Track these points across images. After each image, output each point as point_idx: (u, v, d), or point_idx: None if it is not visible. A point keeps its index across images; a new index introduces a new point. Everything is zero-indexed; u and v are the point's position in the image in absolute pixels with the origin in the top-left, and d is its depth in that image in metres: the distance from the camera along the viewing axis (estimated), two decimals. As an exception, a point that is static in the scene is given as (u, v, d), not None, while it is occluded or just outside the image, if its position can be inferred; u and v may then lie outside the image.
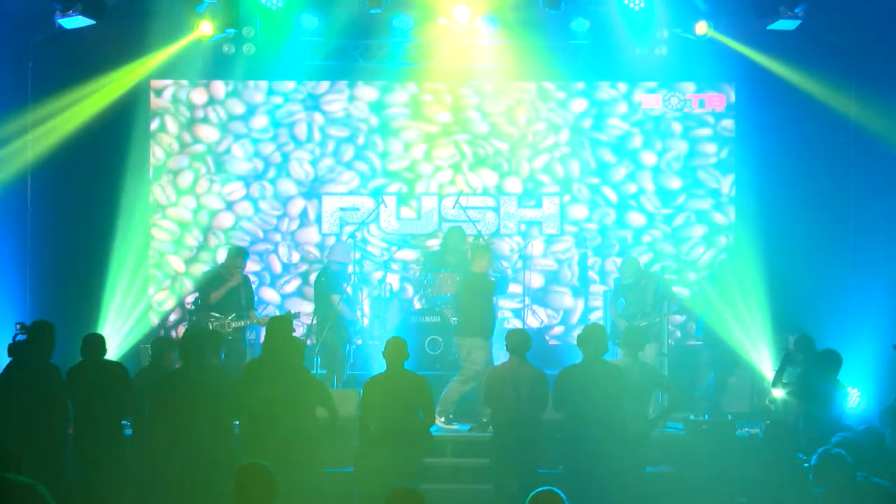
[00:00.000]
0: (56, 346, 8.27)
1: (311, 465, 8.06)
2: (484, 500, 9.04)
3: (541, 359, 11.80)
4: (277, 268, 12.93)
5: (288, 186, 12.95)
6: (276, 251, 12.94)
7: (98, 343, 8.47)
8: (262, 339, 8.51)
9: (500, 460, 8.69)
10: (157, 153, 12.86)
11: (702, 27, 11.55)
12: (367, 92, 13.02)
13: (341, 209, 12.95)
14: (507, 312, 12.81)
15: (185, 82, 12.88)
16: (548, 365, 11.60)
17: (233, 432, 8.21)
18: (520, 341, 8.69)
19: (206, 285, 10.98)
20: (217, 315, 10.65)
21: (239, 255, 11.12)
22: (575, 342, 8.58)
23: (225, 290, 10.72)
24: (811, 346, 9.34)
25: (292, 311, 11.51)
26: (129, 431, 8.82)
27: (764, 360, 11.40)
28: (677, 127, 13.02)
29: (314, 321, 11.33)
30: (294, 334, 8.56)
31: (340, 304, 11.18)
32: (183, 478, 7.74)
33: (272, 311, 12.32)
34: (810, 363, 8.93)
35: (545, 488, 5.13)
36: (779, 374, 9.31)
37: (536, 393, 8.56)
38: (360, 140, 12.98)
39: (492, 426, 8.88)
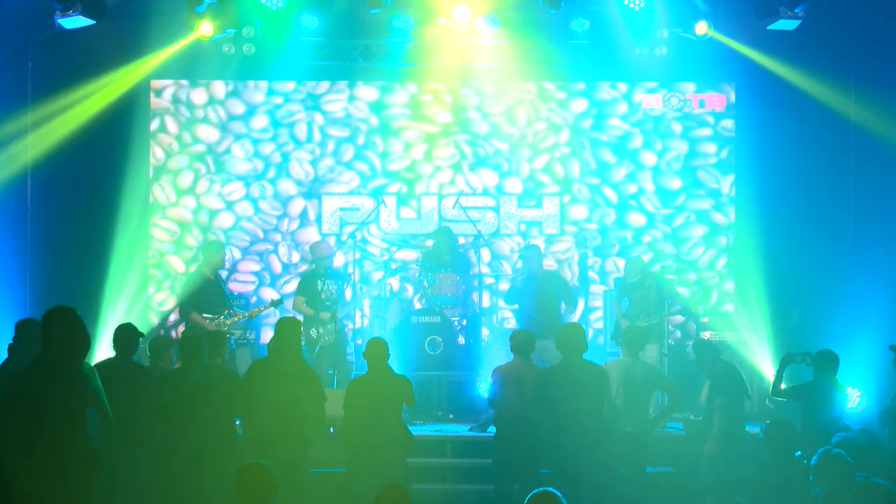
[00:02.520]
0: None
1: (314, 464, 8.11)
2: (484, 501, 9.04)
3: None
4: (277, 268, 12.93)
5: (288, 186, 12.95)
6: (276, 251, 12.94)
7: (134, 340, 8.33)
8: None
9: (502, 460, 8.69)
10: (157, 153, 12.86)
11: (702, 27, 11.56)
12: (367, 92, 13.02)
13: (341, 209, 12.95)
14: (507, 313, 12.80)
15: (185, 82, 12.88)
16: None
17: (234, 432, 8.21)
18: (524, 341, 8.69)
19: (188, 304, 10.72)
20: (209, 316, 10.63)
21: (220, 249, 11.14)
22: (554, 343, 8.50)
23: (202, 321, 10.55)
24: (713, 352, 9.38)
25: (275, 298, 11.54)
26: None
27: (764, 360, 11.40)
28: (677, 127, 13.02)
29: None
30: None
31: (304, 305, 11.16)
32: (183, 478, 7.73)
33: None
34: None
35: (543, 489, 5.14)
36: (777, 377, 9.26)
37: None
38: (360, 140, 12.98)
39: (495, 426, 8.88)
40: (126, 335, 8.31)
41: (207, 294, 10.70)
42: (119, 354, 8.26)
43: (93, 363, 8.13)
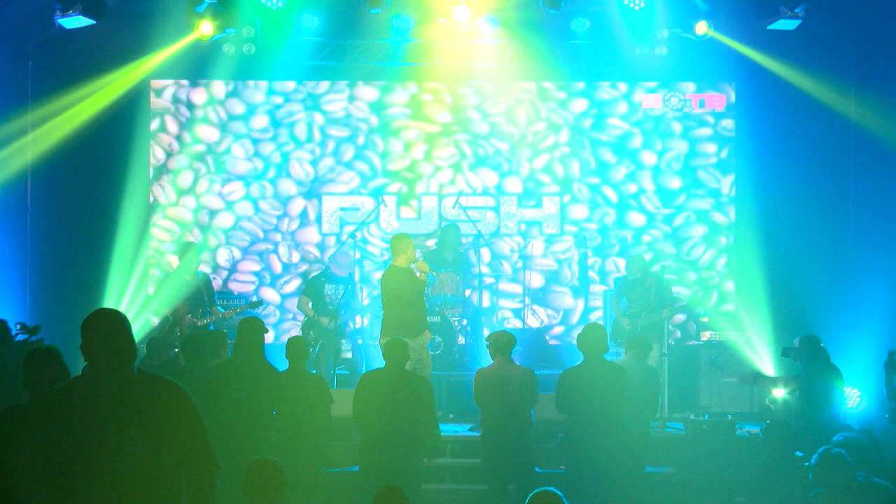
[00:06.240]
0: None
1: (310, 465, 8.05)
2: (484, 500, 9.04)
3: (541, 359, 11.87)
4: (277, 268, 12.93)
5: (288, 186, 12.96)
6: (276, 251, 12.94)
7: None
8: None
9: (491, 461, 8.71)
10: (157, 153, 12.86)
11: (702, 27, 11.56)
12: (367, 92, 13.02)
13: (341, 209, 12.96)
14: (508, 312, 12.82)
15: (185, 82, 12.89)
16: (548, 365, 11.66)
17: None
18: (506, 342, 8.71)
19: (181, 311, 10.61)
20: (189, 316, 10.62)
21: (195, 250, 11.15)
22: (574, 342, 8.57)
23: (185, 323, 10.55)
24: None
25: (254, 299, 11.51)
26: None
27: (764, 360, 11.41)
28: (677, 127, 13.02)
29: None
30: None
31: (308, 306, 11.16)
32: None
33: (270, 310, 12.35)
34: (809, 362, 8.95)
35: (544, 488, 5.13)
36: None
37: (525, 392, 8.58)
38: (360, 140, 12.99)
39: (481, 427, 8.89)
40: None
41: (187, 296, 10.69)
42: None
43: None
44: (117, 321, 4.49)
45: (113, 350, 4.42)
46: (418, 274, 9.76)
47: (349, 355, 11.51)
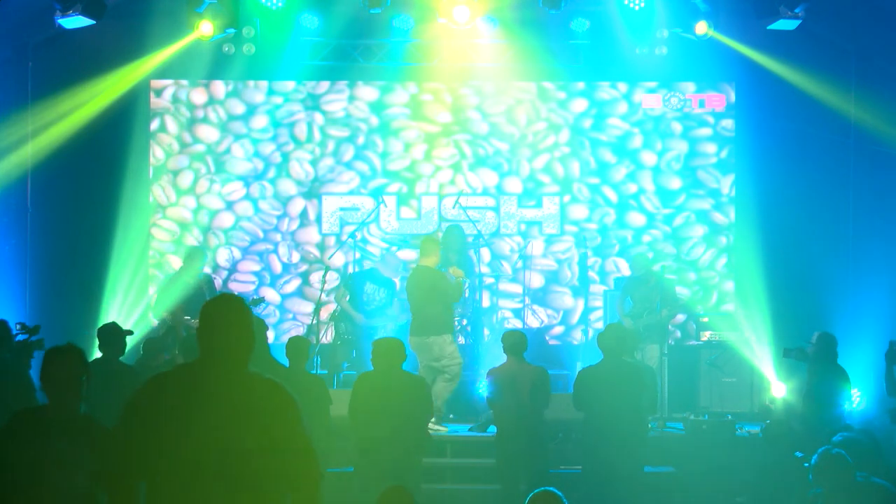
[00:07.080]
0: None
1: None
2: (485, 500, 9.05)
3: (541, 359, 11.83)
4: (277, 268, 12.94)
5: (288, 186, 12.96)
6: (276, 251, 12.94)
7: (119, 339, 8.17)
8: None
9: (506, 462, 8.70)
10: (157, 153, 12.86)
11: (702, 27, 11.56)
12: (367, 92, 13.02)
13: (341, 209, 12.96)
14: (508, 312, 12.82)
15: (185, 82, 12.89)
16: (548, 365, 11.62)
17: None
18: (517, 342, 8.72)
19: (180, 311, 10.72)
20: (188, 318, 10.63)
21: (199, 256, 11.15)
22: (596, 342, 8.51)
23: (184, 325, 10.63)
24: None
25: (254, 297, 11.54)
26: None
27: (764, 360, 11.41)
28: (677, 127, 13.02)
29: (314, 321, 11.37)
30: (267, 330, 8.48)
31: (346, 300, 11.24)
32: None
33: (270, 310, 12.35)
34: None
35: (543, 489, 5.14)
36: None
37: (538, 391, 8.58)
38: (360, 140, 12.99)
39: (496, 428, 8.88)
40: (113, 334, 8.19)
41: (186, 298, 10.70)
42: (106, 354, 8.15)
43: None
44: (243, 312, 4.22)
45: (233, 341, 4.18)
46: (454, 279, 10.10)
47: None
